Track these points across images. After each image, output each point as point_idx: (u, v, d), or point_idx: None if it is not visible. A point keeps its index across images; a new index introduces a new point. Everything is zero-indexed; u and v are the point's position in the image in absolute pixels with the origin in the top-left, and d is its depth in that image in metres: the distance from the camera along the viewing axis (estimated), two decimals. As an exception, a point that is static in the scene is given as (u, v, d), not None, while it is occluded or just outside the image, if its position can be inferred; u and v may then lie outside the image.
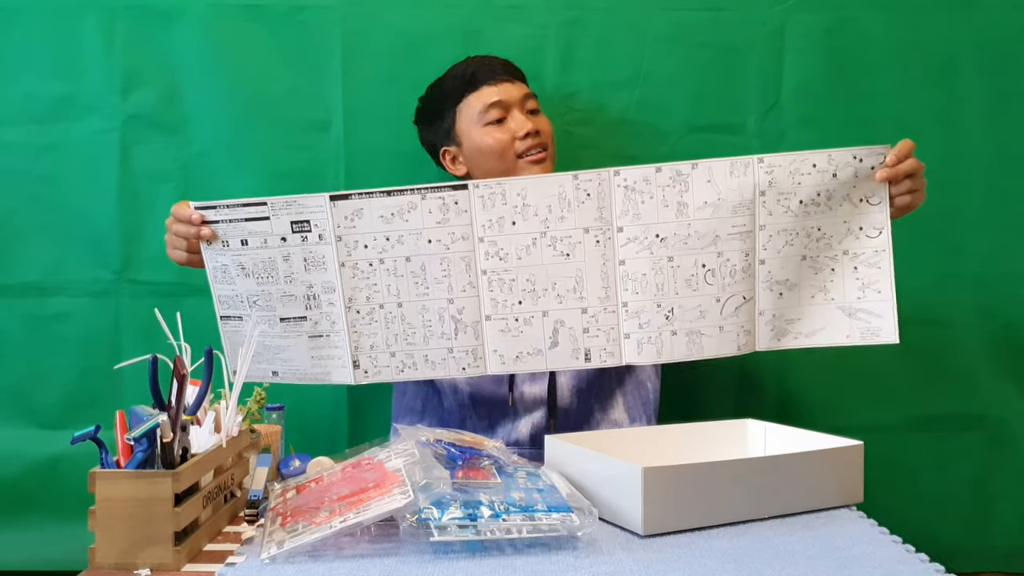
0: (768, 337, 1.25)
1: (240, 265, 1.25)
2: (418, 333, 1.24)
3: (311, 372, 1.27)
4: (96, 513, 0.89)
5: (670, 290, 1.24)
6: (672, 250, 1.24)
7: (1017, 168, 1.71)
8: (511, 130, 1.47)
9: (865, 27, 1.70)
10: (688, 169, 1.23)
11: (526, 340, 1.25)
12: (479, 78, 1.49)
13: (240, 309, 1.27)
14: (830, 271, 1.24)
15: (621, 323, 1.25)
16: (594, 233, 1.25)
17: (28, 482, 1.63)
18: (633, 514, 0.96)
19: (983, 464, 1.71)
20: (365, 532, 0.95)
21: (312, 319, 1.26)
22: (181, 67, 1.67)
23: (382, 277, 1.24)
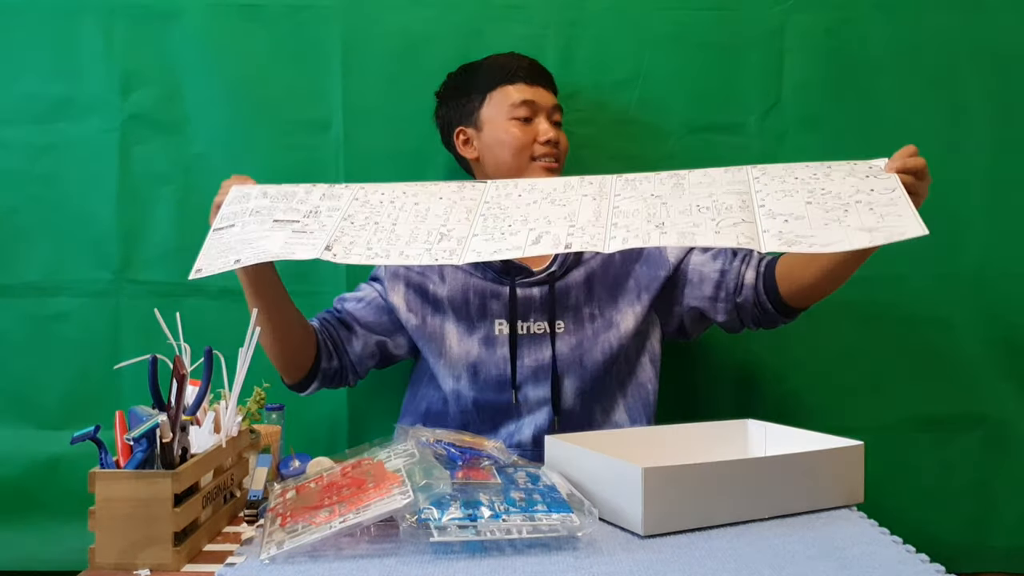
0: (776, 244, 1.08)
1: (263, 192, 1.29)
2: (402, 239, 1.20)
3: (276, 251, 1.19)
4: (96, 513, 0.89)
5: (661, 216, 1.17)
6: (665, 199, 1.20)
7: (1017, 168, 1.71)
8: (535, 132, 1.50)
9: (865, 27, 1.70)
10: (685, 172, 1.26)
11: (507, 242, 1.19)
12: (520, 74, 1.52)
13: (237, 219, 1.25)
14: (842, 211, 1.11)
15: (608, 231, 1.17)
16: (592, 195, 1.25)
17: (28, 482, 1.63)
18: (633, 514, 0.96)
19: (983, 464, 1.71)
20: (365, 532, 0.95)
21: (304, 223, 1.23)
22: (181, 67, 1.67)
23: (386, 208, 1.26)
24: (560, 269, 1.47)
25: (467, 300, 1.46)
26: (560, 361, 1.43)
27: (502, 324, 1.44)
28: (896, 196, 1.12)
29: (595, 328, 1.45)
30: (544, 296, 1.45)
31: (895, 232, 1.07)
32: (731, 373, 1.68)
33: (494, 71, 1.53)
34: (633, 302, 1.47)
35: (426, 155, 1.66)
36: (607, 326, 1.46)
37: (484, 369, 1.43)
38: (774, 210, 1.13)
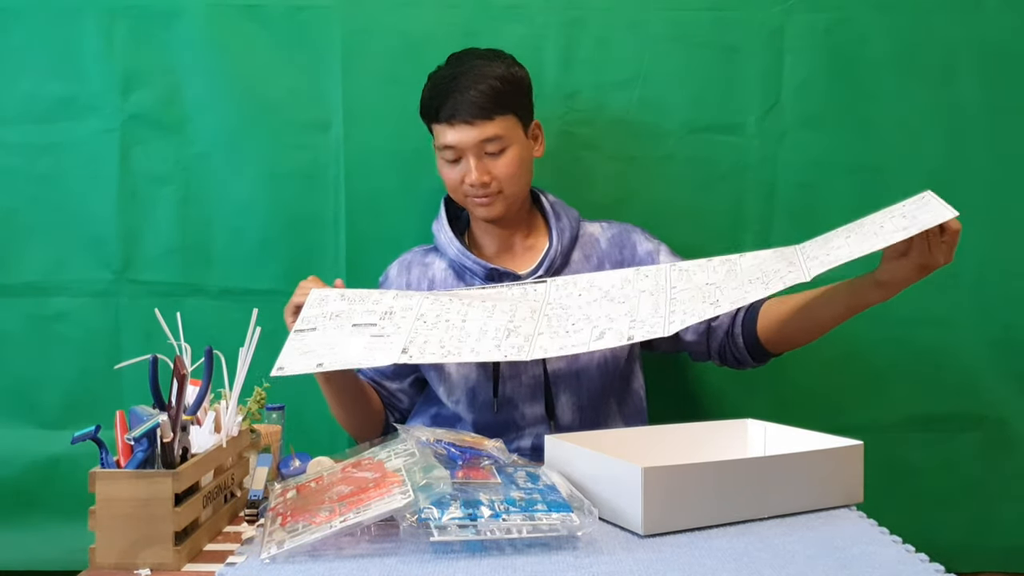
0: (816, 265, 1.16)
1: (341, 294, 1.35)
2: (472, 336, 1.27)
3: (356, 358, 1.25)
4: (96, 513, 0.89)
5: (715, 295, 1.25)
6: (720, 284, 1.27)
7: (1017, 168, 1.71)
8: (462, 173, 1.44)
9: (865, 27, 1.70)
10: (736, 257, 1.32)
11: (571, 340, 1.26)
12: (441, 113, 1.43)
13: (319, 322, 1.30)
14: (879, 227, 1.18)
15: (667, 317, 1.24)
16: (650, 291, 1.32)
17: (28, 482, 1.63)
18: (633, 514, 0.96)
19: (983, 464, 1.71)
20: (365, 532, 0.95)
21: (380, 326, 1.29)
22: (181, 67, 1.67)
23: (455, 306, 1.32)
24: (547, 273, 1.46)
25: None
26: (556, 377, 1.43)
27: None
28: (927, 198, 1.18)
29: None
30: None
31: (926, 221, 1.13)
32: (730, 373, 1.67)
33: (426, 104, 1.47)
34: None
35: (426, 155, 1.65)
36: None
37: (482, 392, 1.44)
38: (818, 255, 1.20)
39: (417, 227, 1.63)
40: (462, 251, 1.48)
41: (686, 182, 1.70)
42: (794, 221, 1.72)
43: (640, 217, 1.60)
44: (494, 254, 1.54)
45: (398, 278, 1.55)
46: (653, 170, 1.70)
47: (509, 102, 1.43)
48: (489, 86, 1.41)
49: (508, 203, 1.47)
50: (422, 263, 1.55)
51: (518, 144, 1.45)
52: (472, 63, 1.44)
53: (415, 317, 1.29)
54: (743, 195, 1.71)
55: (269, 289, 1.66)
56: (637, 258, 1.50)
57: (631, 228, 1.56)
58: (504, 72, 1.44)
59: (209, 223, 1.67)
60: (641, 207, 1.65)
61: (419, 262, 1.55)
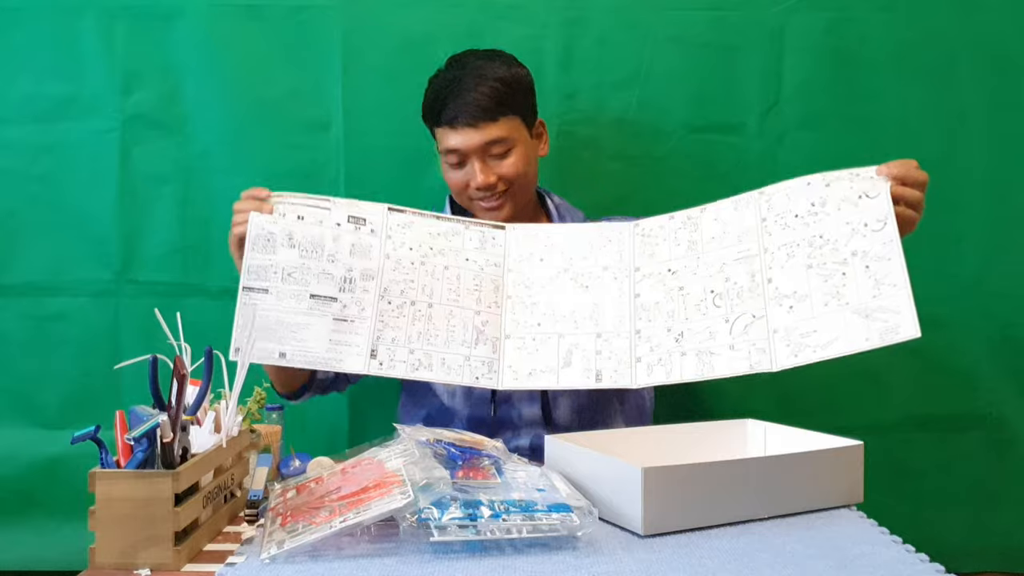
0: (785, 355, 1.18)
1: (289, 235, 1.26)
2: (440, 336, 1.26)
3: (323, 356, 1.23)
4: (96, 513, 0.89)
5: (680, 315, 1.26)
6: (682, 280, 1.28)
7: (1017, 168, 1.71)
8: (467, 177, 1.43)
9: (865, 27, 1.70)
10: (697, 213, 1.32)
11: (540, 358, 1.28)
12: (444, 116, 1.41)
13: (269, 281, 1.24)
14: (841, 275, 1.18)
15: (633, 348, 1.27)
16: (612, 271, 1.33)
17: (28, 482, 1.63)
18: (633, 514, 0.96)
19: (983, 464, 1.71)
20: (365, 532, 0.95)
21: (342, 302, 1.26)
22: (181, 67, 1.67)
23: (420, 276, 1.29)
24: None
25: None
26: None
27: None
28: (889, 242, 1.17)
29: None
30: None
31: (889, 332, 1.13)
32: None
33: (428, 107, 1.45)
34: None
35: (426, 155, 1.65)
36: None
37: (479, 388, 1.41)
38: (780, 288, 1.21)
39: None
40: None
41: (686, 182, 1.70)
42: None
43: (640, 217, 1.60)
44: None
45: None
46: (653, 170, 1.70)
47: (512, 103, 1.42)
48: (491, 88, 1.40)
49: (515, 204, 1.46)
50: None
51: (523, 144, 1.44)
52: (473, 65, 1.43)
53: (378, 295, 1.26)
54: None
55: (269, 289, 1.65)
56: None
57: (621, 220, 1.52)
58: (505, 73, 1.43)
59: (209, 223, 1.67)
60: (641, 207, 1.64)
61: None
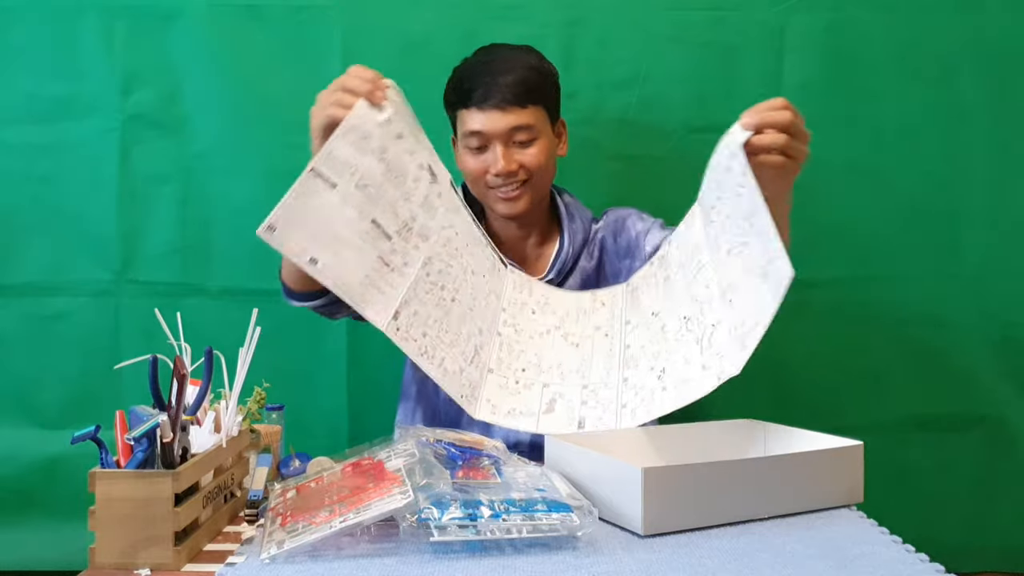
0: (737, 350, 1.11)
1: (383, 147, 1.14)
2: (449, 335, 1.22)
3: (354, 287, 1.11)
4: (96, 513, 0.89)
5: (663, 354, 1.24)
6: (664, 319, 1.27)
7: (1017, 168, 1.71)
8: (486, 164, 1.40)
9: (865, 27, 1.70)
10: (665, 246, 1.32)
11: (521, 400, 1.25)
12: (472, 97, 1.38)
13: (343, 178, 1.09)
14: (743, 245, 1.11)
15: (619, 395, 1.25)
16: (604, 329, 1.31)
17: (28, 482, 1.63)
18: (633, 514, 0.96)
19: (983, 464, 1.71)
20: (365, 532, 0.95)
21: (393, 246, 1.16)
22: (181, 67, 1.67)
23: (456, 267, 1.25)
24: (558, 277, 1.46)
25: None
26: None
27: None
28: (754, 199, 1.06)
29: None
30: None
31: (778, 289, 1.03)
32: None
33: (454, 90, 1.42)
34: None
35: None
36: None
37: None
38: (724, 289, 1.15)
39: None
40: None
41: (686, 182, 1.69)
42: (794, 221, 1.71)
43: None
44: (508, 250, 1.50)
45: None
46: (653, 170, 1.70)
47: (541, 93, 1.41)
48: (523, 75, 1.38)
49: (533, 197, 1.44)
50: None
51: (546, 137, 1.43)
52: (505, 52, 1.42)
53: (423, 260, 1.20)
54: (743, 195, 1.71)
55: (269, 289, 1.65)
56: (633, 244, 1.49)
57: (626, 213, 1.53)
58: (537, 63, 1.43)
59: (209, 223, 1.67)
60: (641, 207, 1.65)
61: None
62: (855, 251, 1.72)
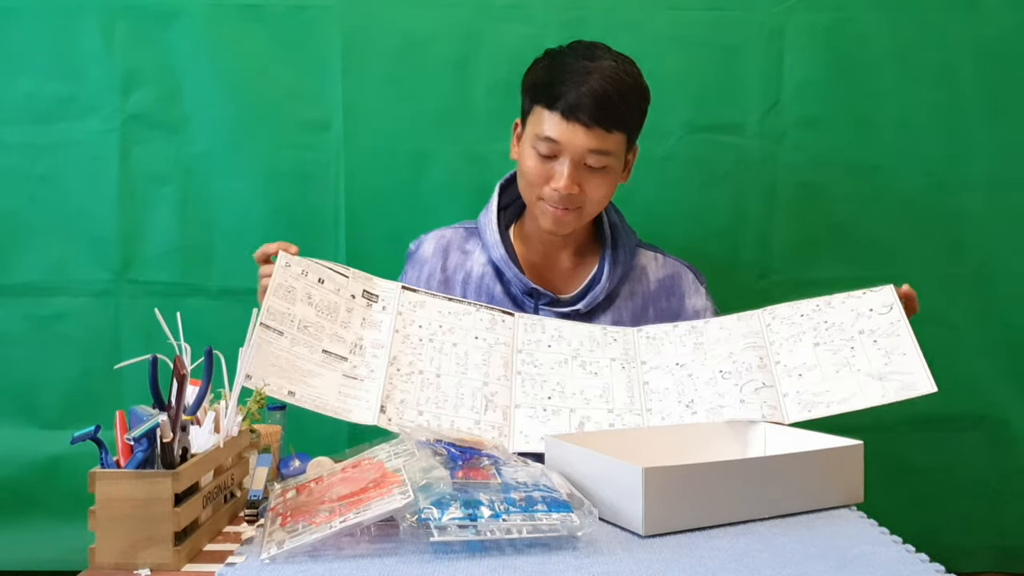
0: (797, 410, 1.20)
1: (308, 295, 1.28)
2: (450, 402, 1.26)
3: (332, 404, 1.22)
4: (96, 513, 0.89)
5: (689, 391, 1.27)
6: (690, 369, 1.29)
7: (1017, 168, 1.71)
8: (549, 174, 1.32)
9: (865, 27, 1.70)
10: (701, 324, 1.34)
11: (551, 427, 1.26)
12: (561, 102, 1.28)
13: (286, 326, 1.24)
14: (849, 350, 1.22)
15: (646, 421, 1.26)
16: (620, 362, 1.32)
17: (28, 482, 1.63)
18: (634, 514, 0.96)
19: (983, 464, 1.71)
20: (365, 532, 0.95)
21: (352, 362, 1.26)
22: (181, 67, 1.67)
23: (427, 351, 1.29)
24: (587, 307, 1.41)
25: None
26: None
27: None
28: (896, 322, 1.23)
29: None
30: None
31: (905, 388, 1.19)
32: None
33: (544, 82, 1.32)
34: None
35: (426, 155, 1.66)
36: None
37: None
38: (788, 365, 1.24)
39: (417, 227, 1.63)
40: (505, 259, 1.41)
41: (686, 182, 1.70)
42: (794, 221, 1.72)
43: (640, 217, 1.60)
44: (537, 262, 1.46)
45: (433, 258, 1.46)
46: (653, 170, 1.70)
47: (629, 119, 1.34)
48: (621, 94, 1.29)
49: (581, 222, 1.39)
50: (462, 249, 1.47)
51: (617, 166, 1.36)
52: (607, 63, 1.31)
53: (387, 361, 1.26)
54: (743, 195, 1.71)
55: (269, 289, 1.66)
56: (683, 314, 1.44)
57: (683, 271, 1.48)
58: (636, 84, 1.33)
59: (209, 223, 1.68)
60: (641, 207, 1.65)
61: (459, 247, 1.47)
62: (855, 251, 1.72)
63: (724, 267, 1.69)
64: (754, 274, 1.72)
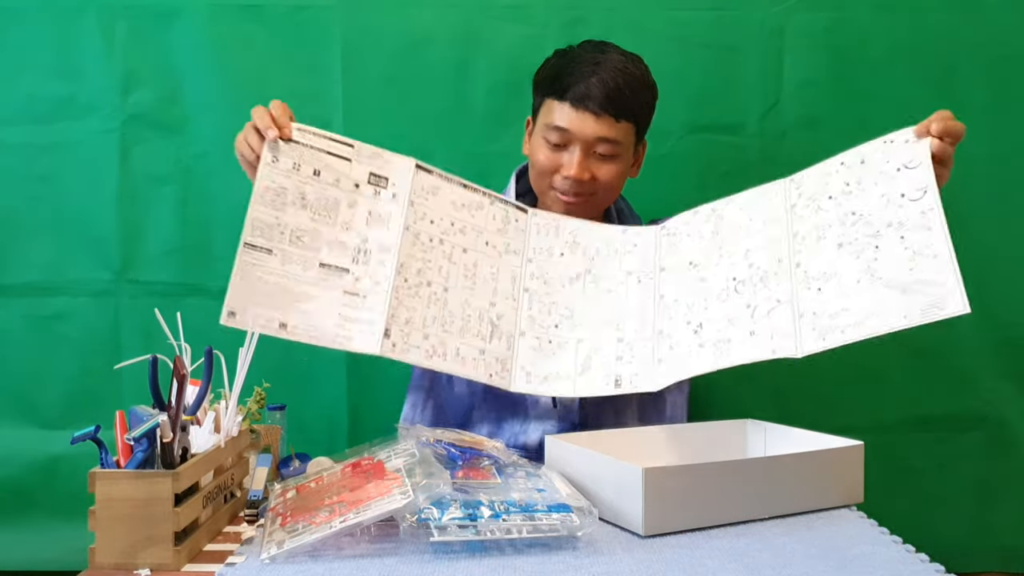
0: (812, 339, 1.08)
1: (301, 194, 1.13)
2: (456, 323, 1.19)
3: (330, 332, 1.11)
4: (96, 513, 0.89)
5: (699, 307, 1.20)
6: (703, 272, 1.23)
7: (1017, 168, 1.71)
8: (559, 162, 1.35)
9: (865, 27, 1.70)
10: (723, 204, 1.26)
11: (557, 362, 1.22)
12: (570, 92, 1.32)
13: (275, 242, 1.11)
14: (874, 249, 1.07)
15: (655, 350, 1.22)
16: (637, 275, 1.28)
17: (28, 482, 1.63)
18: (634, 514, 0.96)
19: (983, 464, 1.71)
20: (365, 532, 0.95)
21: (355, 274, 1.14)
22: (181, 67, 1.67)
23: (437, 257, 1.20)
24: None
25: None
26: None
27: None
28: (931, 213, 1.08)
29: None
30: None
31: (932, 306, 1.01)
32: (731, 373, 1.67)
33: (554, 75, 1.36)
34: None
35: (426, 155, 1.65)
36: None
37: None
38: (809, 271, 1.12)
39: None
40: None
41: (686, 182, 1.70)
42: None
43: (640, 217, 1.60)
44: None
45: None
46: (653, 170, 1.70)
47: (637, 109, 1.37)
48: (629, 86, 1.34)
49: (592, 210, 1.40)
50: None
51: (625, 156, 1.39)
52: (615, 56, 1.36)
53: (395, 270, 1.16)
54: (743, 195, 1.71)
55: (269, 289, 1.66)
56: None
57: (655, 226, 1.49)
58: (643, 78, 1.38)
59: (209, 223, 1.67)
60: (641, 207, 1.65)
61: None
62: (855, 251, 1.72)
63: (724, 267, 1.69)
64: (754, 274, 1.72)
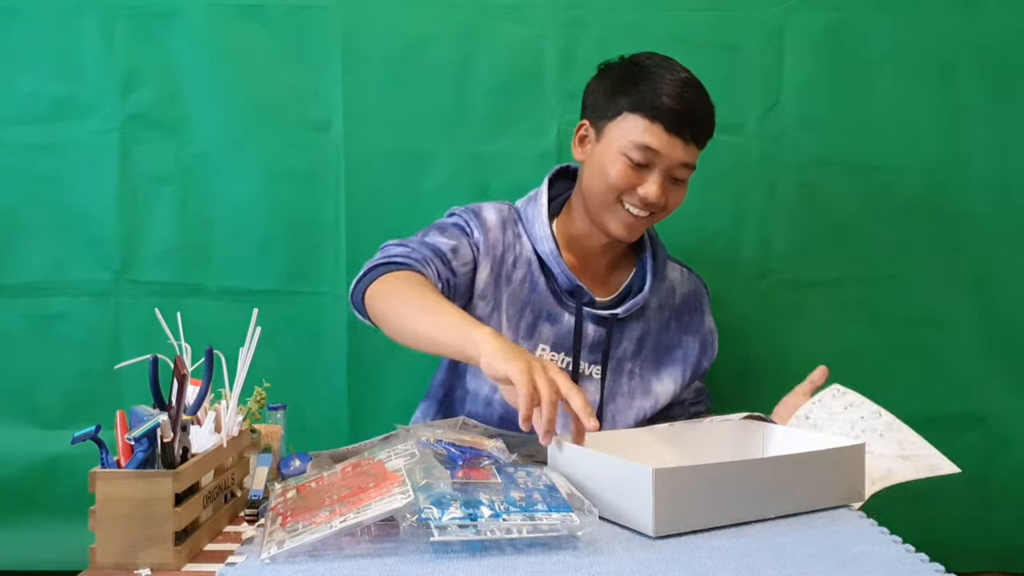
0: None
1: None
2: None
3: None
4: (96, 513, 0.89)
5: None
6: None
7: (1017, 168, 1.71)
8: (638, 181, 1.31)
9: (865, 27, 1.70)
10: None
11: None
12: (662, 113, 1.29)
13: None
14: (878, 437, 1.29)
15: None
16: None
17: (28, 482, 1.63)
18: (643, 516, 0.96)
19: (983, 464, 1.71)
20: (365, 532, 0.95)
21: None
22: (181, 67, 1.67)
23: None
24: (624, 313, 1.40)
25: (522, 315, 1.39)
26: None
27: (544, 351, 1.38)
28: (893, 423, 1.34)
29: (631, 388, 1.43)
30: (598, 336, 1.40)
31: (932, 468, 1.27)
32: (731, 373, 1.68)
33: (646, 93, 1.31)
34: (676, 375, 1.46)
35: (426, 155, 1.66)
36: (645, 392, 1.43)
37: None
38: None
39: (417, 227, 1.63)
40: (555, 254, 1.38)
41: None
42: (794, 221, 1.72)
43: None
44: (573, 263, 1.42)
45: (496, 229, 1.39)
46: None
47: (708, 139, 1.37)
48: (711, 115, 1.35)
49: (646, 229, 1.41)
50: (514, 231, 1.41)
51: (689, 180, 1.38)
52: (696, 82, 1.35)
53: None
54: (743, 195, 1.71)
55: (269, 289, 1.66)
56: (701, 331, 1.50)
57: (702, 288, 1.53)
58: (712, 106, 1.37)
59: (209, 223, 1.67)
60: (641, 207, 1.66)
61: (512, 227, 1.41)
62: (855, 251, 1.72)
63: (724, 267, 1.69)
64: (754, 274, 1.72)
